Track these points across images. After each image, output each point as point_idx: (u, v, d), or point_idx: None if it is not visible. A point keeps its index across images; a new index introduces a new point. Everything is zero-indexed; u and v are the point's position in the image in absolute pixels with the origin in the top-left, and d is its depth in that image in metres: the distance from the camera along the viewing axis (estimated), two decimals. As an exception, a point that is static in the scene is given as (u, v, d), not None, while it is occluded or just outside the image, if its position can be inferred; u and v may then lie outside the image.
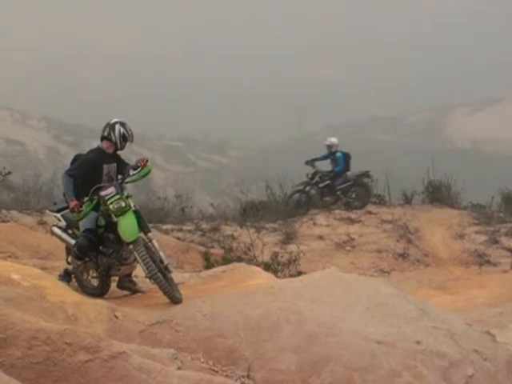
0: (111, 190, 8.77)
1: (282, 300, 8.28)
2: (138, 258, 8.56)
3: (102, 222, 8.89)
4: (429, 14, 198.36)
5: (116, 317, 7.71)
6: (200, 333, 7.67)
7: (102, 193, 8.75)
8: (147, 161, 9.18)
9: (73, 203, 8.65)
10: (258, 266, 11.93)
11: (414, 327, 8.26)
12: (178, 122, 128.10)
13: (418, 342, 7.92)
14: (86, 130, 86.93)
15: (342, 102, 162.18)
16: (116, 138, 9.02)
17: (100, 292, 9.19)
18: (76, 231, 9.22)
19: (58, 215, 9.46)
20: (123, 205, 8.69)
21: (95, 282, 9.32)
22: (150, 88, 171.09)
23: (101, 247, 8.96)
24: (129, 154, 11.28)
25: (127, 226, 8.61)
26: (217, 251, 15.78)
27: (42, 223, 15.25)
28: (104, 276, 9.15)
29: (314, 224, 19.62)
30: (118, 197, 8.71)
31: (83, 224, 8.89)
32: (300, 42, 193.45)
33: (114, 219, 8.70)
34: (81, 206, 8.70)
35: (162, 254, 8.97)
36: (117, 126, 9.03)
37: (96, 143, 9.36)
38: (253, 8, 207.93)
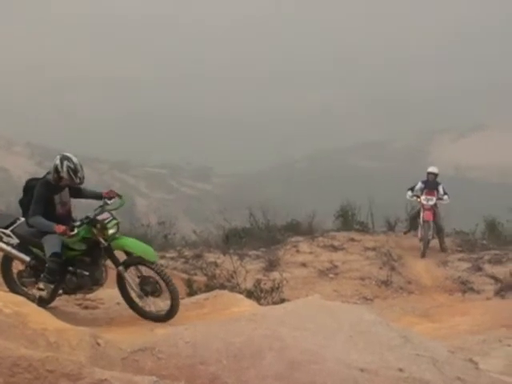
0: (106, 215, 8.97)
1: (265, 327, 8.26)
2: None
3: (82, 246, 8.96)
4: (415, 40, 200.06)
5: (98, 344, 7.67)
6: (182, 360, 7.63)
7: (100, 217, 8.89)
8: (116, 193, 9.52)
9: (61, 229, 8.72)
10: (240, 293, 11.93)
11: (397, 354, 8.25)
12: (161, 149, 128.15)
13: (400, 370, 7.91)
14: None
15: (328, 128, 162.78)
16: (65, 174, 9.12)
17: (47, 303, 9.30)
18: (34, 249, 9.29)
19: (7, 231, 9.42)
20: (118, 230, 9.07)
21: (37, 294, 9.38)
22: (134, 115, 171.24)
23: (70, 268, 9.10)
24: (112, 181, 11.30)
25: (143, 247, 9.00)
26: (200, 278, 15.74)
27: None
28: (55, 290, 9.29)
29: (297, 251, 19.62)
30: (115, 222, 8.97)
31: (49, 249, 9.00)
32: (286, 67, 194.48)
33: (104, 244, 8.83)
34: (71, 230, 8.77)
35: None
36: (65, 163, 9.12)
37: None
38: (237, 32, 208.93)
